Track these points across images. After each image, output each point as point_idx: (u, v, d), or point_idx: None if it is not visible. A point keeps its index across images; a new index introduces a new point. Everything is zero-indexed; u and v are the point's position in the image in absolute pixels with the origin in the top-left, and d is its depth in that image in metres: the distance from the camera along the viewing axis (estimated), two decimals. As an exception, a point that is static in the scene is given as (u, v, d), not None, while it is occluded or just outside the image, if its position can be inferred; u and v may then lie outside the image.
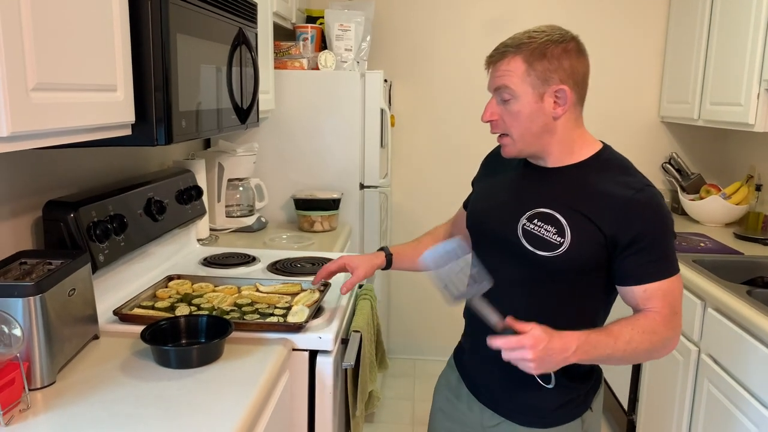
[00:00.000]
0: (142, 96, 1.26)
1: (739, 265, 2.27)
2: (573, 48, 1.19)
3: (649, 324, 1.16)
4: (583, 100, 1.25)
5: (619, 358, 1.14)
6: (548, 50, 1.17)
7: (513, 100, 1.18)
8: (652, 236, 1.16)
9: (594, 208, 1.17)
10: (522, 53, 1.17)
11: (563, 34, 1.20)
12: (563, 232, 1.17)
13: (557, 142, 1.22)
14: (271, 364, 1.26)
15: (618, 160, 1.26)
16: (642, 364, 2.50)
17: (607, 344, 1.11)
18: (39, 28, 0.93)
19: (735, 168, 3.11)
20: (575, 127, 1.24)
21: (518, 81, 1.17)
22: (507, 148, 1.24)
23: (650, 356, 1.19)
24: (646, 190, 1.18)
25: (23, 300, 1.10)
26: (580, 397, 1.29)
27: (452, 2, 3.24)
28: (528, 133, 1.20)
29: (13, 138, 0.91)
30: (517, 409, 1.29)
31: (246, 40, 1.77)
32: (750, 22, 2.35)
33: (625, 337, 1.13)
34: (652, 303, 1.18)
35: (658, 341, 1.16)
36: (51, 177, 1.54)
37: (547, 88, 1.17)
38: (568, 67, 1.18)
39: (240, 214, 2.48)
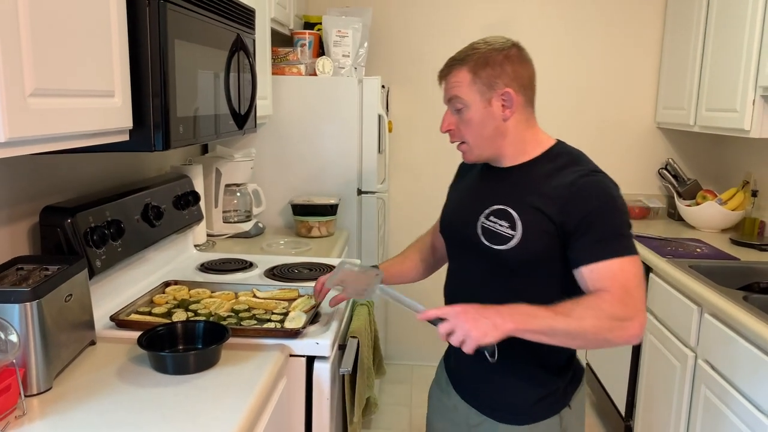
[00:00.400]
0: (139, 102, 1.26)
1: (736, 271, 2.27)
2: (514, 54, 1.27)
3: (594, 301, 1.14)
4: (533, 103, 1.31)
5: (564, 332, 1.12)
6: (491, 58, 1.25)
7: (465, 108, 1.27)
8: (597, 216, 1.18)
9: (543, 199, 1.22)
10: (467, 64, 1.26)
11: (504, 42, 1.28)
12: (515, 226, 1.23)
13: (510, 144, 1.29)
14: (268, 370, 1.26)
15: (569, 153, 1.31)
16: (639, 369, 2.50)
17: (546, 315, 1.12)
18: (37, 34, 0.93)
19: (731, 174, 3.12)
20: (527, 127, 1.30)
21: (466, 90, 1.26)
22: (466, 155, 1.32)
23: (602, 336, 1.12)
24: (591, 174, 1.23)
25: (20, 306, 1.10)
26: (558, 392, 1.31)
27: (449, 8, 3.26)
28: (481, 137, 1.28)
29: (11, 143, 0.91)
30: (496, 407, 1.33)
31: (244, 46, 1.78)
32: (745, 28, 2.36)
33: (565, 310, 1.12)
34: (601, 283, 1.16)
35: (606, 318, 1.11)
36: (48, 182, 1.53)
37: (493, 93, 1.25)
38: (511, 72, 1.25)
39: (237, 220, 2.48)
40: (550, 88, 3.30)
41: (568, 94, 3.31)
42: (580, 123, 3.33)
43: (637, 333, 1.13)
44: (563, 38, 3.25)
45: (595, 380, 3.06)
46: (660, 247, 2.53)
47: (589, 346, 1.17)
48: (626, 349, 2.59)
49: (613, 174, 1.29)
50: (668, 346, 2.23)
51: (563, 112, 3.32)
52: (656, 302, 2.37)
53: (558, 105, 3.32)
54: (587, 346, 1.17)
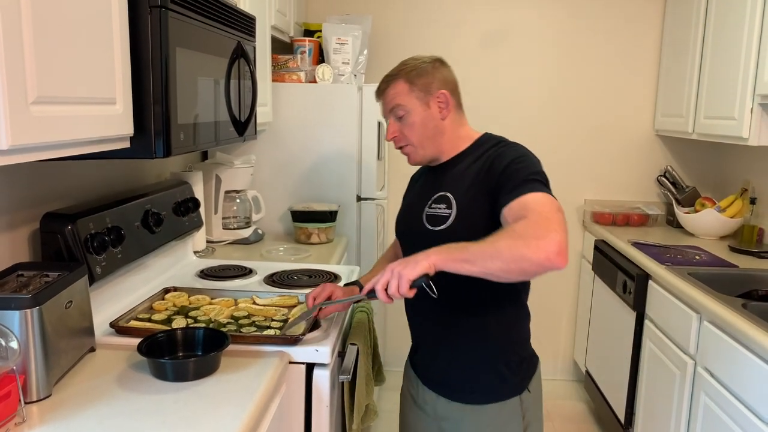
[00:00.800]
0: (141, 109, 1.26)
1: (735, 278, 2.28)
2: (440, 64, 1.47)
3: (510, 226, 1.22)
4: (461, 105, 1.51)
5: (481, 254, 1.17)
6: (422, 68, 1.44)
7: (406, 114, 1.43)
8: (512, 170, 1.32)
9: (471, 175, 1.39)
10: (402, 77, 1.44)
11: (430, 57, 1.48)
12: (450, 205, 1.39)
13: (447, 141, 1.46)
14: (267, 377, 1.26)
15: (492, 138, 1.48)
16: (638, 377, 2.50)
17: (465, 245, 1.20)
18: (40, 42, 0.94)
19: (729, 181, 3.13)
20: (460, 125, 1.49)
21: (406, 98, 1.43)
22: (411, 156, 1.49)
23: (518, 252, 1.15)
24: (508, 144, 1.42)
25: (20, 312, 1.10)
26: (517, 377, 1.44)
27: (448, 16, 3.27)
28: (424, 137, 1.44)
29: (13, 151, 0.91)
30: (462, 389, 1.44)
31: (244, 54, 1.78)
32: (743, 36, 2.37)
33: (486, 238, 1.20)
34: (518, 215, 1.24)
35: (520, 237, 1.16)
36: (48, 189, 1.54)
37: (430, 96, 1.43)
38: (442, 78, 1.45)
39: (237, 226, 2.48)
40: (549, 95, 3.31)
41: (566, 101, 3.32)
42: (578, 130, 3.34)
43: (554, 249, 1.14)
44: (562, 45, 3.27)
45: (594, 387, 3.06)
46: (659, 254, 2.53)
47: (509, 267, 1.16)
48: (625, 357, 2.59)
49: (611, 181, 1.32)
50: (667, 354, 2.23)
51: (562, 119, 3.33)
52: (655, 309, 2.37)
53: (557, 112, 3.33)
54: (508, 267, 1.16)
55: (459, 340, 1.44)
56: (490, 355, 1.43)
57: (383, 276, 1.21)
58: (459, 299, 1.42)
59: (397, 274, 1.19)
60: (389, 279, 1.20)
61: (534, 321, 1.53)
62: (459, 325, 1.44)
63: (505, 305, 1.44)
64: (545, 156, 3.33)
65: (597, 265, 3.05)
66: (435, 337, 1.48)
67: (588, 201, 3.37)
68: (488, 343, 1.43)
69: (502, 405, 1.43)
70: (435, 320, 1.48)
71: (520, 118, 3.34)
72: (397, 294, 1.19)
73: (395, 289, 1.19)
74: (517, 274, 1.18)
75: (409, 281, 1.18)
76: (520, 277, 1.20)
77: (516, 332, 1.47)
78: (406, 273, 1.17)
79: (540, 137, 3.35)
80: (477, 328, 1.43)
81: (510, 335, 1.46)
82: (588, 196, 3.39)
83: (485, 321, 1.43)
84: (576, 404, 3.27)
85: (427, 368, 1.52)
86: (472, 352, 1.44)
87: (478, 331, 1.43)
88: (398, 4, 3.27)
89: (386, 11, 3.27)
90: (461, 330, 1.44)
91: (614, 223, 3.20)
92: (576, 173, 3.38)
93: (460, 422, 1.44)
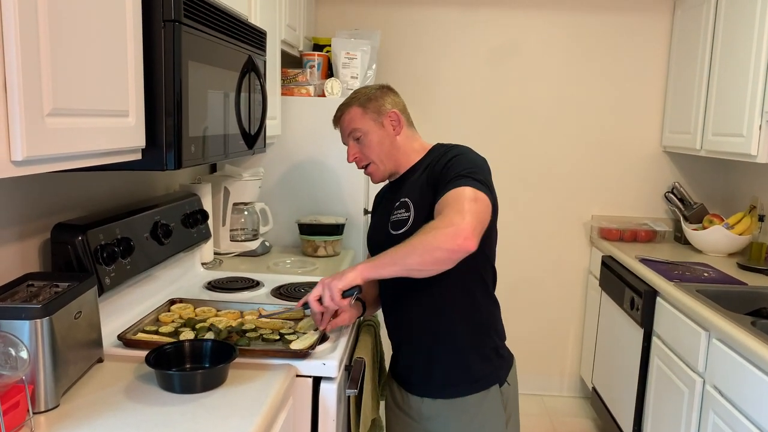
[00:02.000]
0: (153, 121, 1.28)
1: (743, 296, 2.26)
2: (387, 88, 1.63)
3: (428, 223, 1.35)
4: (412, 123, 1.65)
5: (399, 255, 1.32)
6: (372, 94, 1.60)
7: (363, 135, 1.58)
8: (449, 167, 1.44)
9: (423, 179, 1.50)
10: (355, 103, 1.60)
11: (378, 85, 1.65)
12: (409, 208, 1.50)
13: (403, 154, 1.60)
14: (275, 391, 1.26)
15: (444, 146, 1.59)
16: (646, 394, 2.48)
17: (387, 251, 1.34)
18: (56, 56, 0.95)
19: (737, 198, 3.12)
20: (413, 140, 1.63)
21: (361, 121, 1.58)
22: (374, 175, 1.62)
23: (429, 244, 1.29)
24: (455, 145, 1.55)
25: (30, 322, 1.10)
26: (495, 371, 1.54)
27: (456, 32, 3.29)
28: (383, 153, 1.58)
29: (28, 162, 0.92)
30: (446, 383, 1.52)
31: (255, 68, 1.80)
32: (751, 53, 2.38)
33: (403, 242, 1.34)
34: (439, 211, 1.36)
35: (431, 230, 1.30)
36: (59, 200, 1.55)
37: (383, 116, 1.58)
38: (391, 100, 1.61)
39: (244, 238, 2.49)
40: (556, 110, 3.32)
41: (574, 117, 3.33)
42: (586, 146, 3.34)
43: (462, 234, 1.27)
44: (569, 62, 3.28)
45: (601, 404, 3.04)
46: (667, 271, 2.52)
47: (424, 259, 1.30)
48: (632, 374, 2.57)
49: (618, 197, 1.34)
50: (676, 371, 2.21)
51: (569, 135, 3.34)
52: (663, 326, 2.36)
53: (564, 128, 3.34)
54: (423, 260, 1.30)
55: (433, 337, 1.53)
56: (466, 348, 1.52)
57: (315, 289, 1.38)
58: (430, 297, 1.51)
59: (327, 286, 1.35)
60: (321, 292, 1.37)
61: (540, 337, 1.56)
62: (432, 323, 1.53)
63: (474, 298, 1.53)
64: (552, 171, 3.37)
65: (604, 281, 3.03)
66: (410, 338, 1.59)
67: (595, 216, 3.37)
68: (462, 337, 1.52)
69: (484, 394, 1.51)
70: (409, 320, 1.57)
71: (527, 134, 3.35)
72: (332, 303, 1.35)
73: (329, 299, 1.35)
74: (433, 263, 1.31)
75: (340, 291, 1.34)
76: (438, 266, 1.32)
77: (488, 322, 1.56)
78: (335, 284, 1.34)
79: (547, 153, 3.36)
80: (449, 323, 1.52)
81: (482, 326, 1.54)
82: (595, 211, 3.38)
83: (457, 316, 1.52)
84: (583, 421, 3.25)
85: (407, 372, 1.60)
86: (447, 347, 1.52)
87: (450, 327, 1.52)
88: (406, 19, 3.29)
89: (394, 26, 3.29)
90: (434, 327, 1.53)
91: (622, 239, 3.19)
92: (583, 189, 3.38)
93: (446, 419, 1.52)
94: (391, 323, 1.64)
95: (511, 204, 3.38)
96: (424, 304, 1.53)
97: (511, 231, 3.40)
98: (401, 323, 1.61)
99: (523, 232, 3.44)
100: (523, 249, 3.45)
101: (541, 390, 3.54)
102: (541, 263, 3.46)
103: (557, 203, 3.41)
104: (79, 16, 1.01)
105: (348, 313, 1.59)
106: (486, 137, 3.36)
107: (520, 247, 3.44)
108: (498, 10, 3.26)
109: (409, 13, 3.29)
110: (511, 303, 3.40)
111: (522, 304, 3.46)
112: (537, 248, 3.45)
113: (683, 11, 3.07)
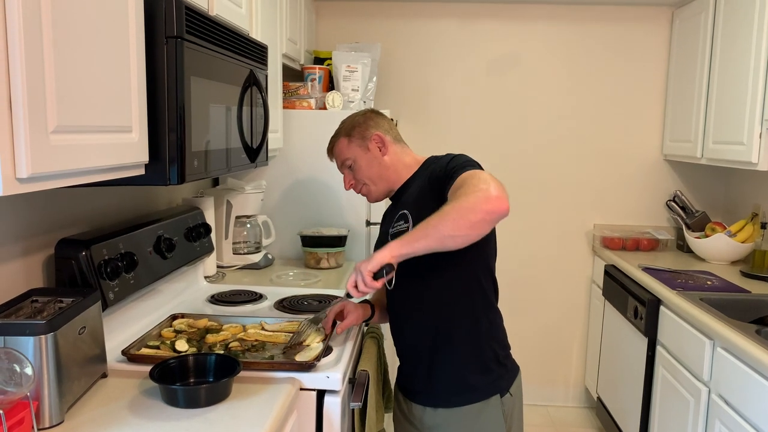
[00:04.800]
0: (156, 137, 1.29)
1: (747, 304, 2.26)
2: (370, 113, 1.69)
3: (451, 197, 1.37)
4: (400, 139, 1.69)
5: (431, 225, 1.32)
6: (355, 121, 1.66)
7: (354, 163, 1.64)
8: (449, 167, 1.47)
9: (420, 190, 1.54)
10: (341, 134, 1.67)
11: (363, 110, 1.72)
12: (407, 219, 1.53)
13: (393, 172, 1.64)
14: (279, 404, 1.26)
15: (436, 157, 1.62)
16: (651, 404, 2.47)
17: (416, 228, 1.36)
18: (60, 73, 0.96)
19: (739, 206, 3.12)
20: (403, 156, 1.66)
21: (348, 150, 1.64)
22: (370, 196, 1.68)
23: (464, 206, 1.29)
24: (445, 155, 1.57)
25: (35, 339, 1.10)
26: (498, 381, 1.55)
27: (456, 44, 3.31)
28: (373, 175, 1.64)
29: (32, 179, 0.93)
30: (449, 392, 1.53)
31: (257, 82, 1.81)
32: (750, 61, 2.39)
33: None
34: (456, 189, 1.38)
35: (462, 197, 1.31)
36: (62, 215, 1.55)
37: (368, 141, 1.63)
38: (374, 123, 1.65)
39: (247, 251, 2.49)
40: (557, 120, 3.33)
41: (574, 127, 3.34)
42: (587, 155, 3.35)
43: (493, 194, 1.29)
44: (569, 72, 3.30)
45: (606, 414, 3.02)
46: (670, 279, 2.52)
47: (458, 224, 1.29)
48: (637, 383, 2.56)
49: (620, 205, 1.35)
50: (681, 380, 2.21)
51: (570, 145, 3.35)
52: (667, 335, 2.35)
53: (565, 138, 3.34)
54: (457, 224, 1.29)
55: (433, 347, 1.54)
56: (465, 358, 1.53)
57: (351, 276, 1.40)
58: (435, 304, 1.53)
59: (359, 269, 1.37)
60: (356, 277, 1.38)
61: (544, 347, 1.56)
62: (431, 332, 1.54)
63: (474, 309, 1.54)
64: (554, 181, 3.37)
65: (607, 291, 3.03)
66: (411, 347, 1.60)
67: (597, 226, 3.37)
68: (461, 347, 1.53)
69: (484, 404, 1.52)
70: (409, 329, 1.59)
71: (528, 145, 3.36)
72: (365, 288, 1.36)
73: (362, 283, 1.36)
74: (469, 227, 1.30)
75: (371, 273, 1.35)
76: (473, 231, 1.31)
77: (488, 334, 1.56)
78: (365, 266, 1.36)
79: (548, 163, 3.37)
80: (448, 333, 1.53)
81: (482, 337, 1.55)
82: (597, 220, 3.38)
83: (456, 326, 1.53)
84: (588, 431, 3.23)
85: (410, 382, 1.62)
86: (446, 357, 1.53)
87: (449, 337, 1.53)
88: (407, 32, 3.31)
89: (395, 39, 3.31)
90: (433, 337, 1.54)
91: (624, 248, 3.19)
92: (585, 198, 3.38)
93: (447, 428, 1.53)
94: (395, 332, 1.66)
95: (513, 215, 3.38)
96: (424, 313, 1.55)
97: (514, 242, 3.40)
98: (402, 332, 1.63)
99: (526, 242, 3.44)
100: (526, 259, 3.44)
101: (545, 400, 3.52)
102: (544, 273, 3.45)
103: (559, 213, 3.41)
104: (82, 34, 1.02)
105: (354, 315, 1.66)
106: (487, 148, 3.37)
107: (523, 257, 3.44)
108: (498, 22, 3.28)
109: (409, 25, 3.31)
110: (515, 313, 3.39)
111: (525, 315, 3.46)
112: (540, 258, 3.45)
113: (682, 21, 3.09)
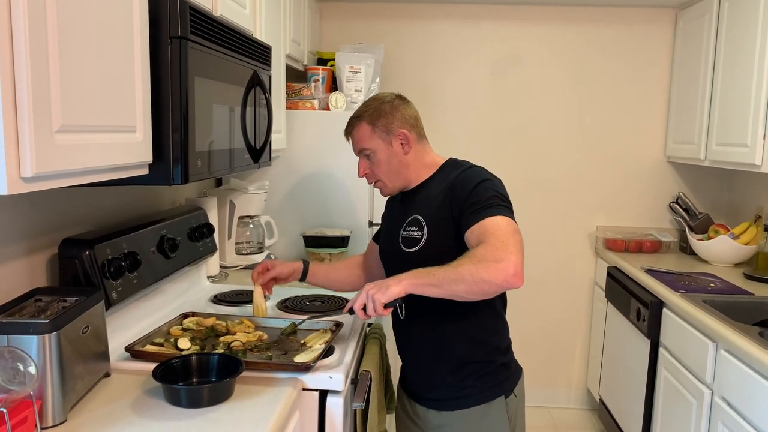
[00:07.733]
0: (159, 137, 1.29)
1: (751, 306, 2.25)
2: (398, 102, 1.59)
3: (472, 251, 1.35)
4: (423, 135, 1.62)
5: (445, 279, 1.32)
6: (382, 110, 1.56)
7: (372, 154, 1.57)
8: (474, 194, 1.44)
9: (438, 199, 1.50)
10: (365, 119, 1.56)
11: (390, 95, 1.62)
12: (422, 227, 1.51)
13: (413, 171, 1.59)
14: (281, 404, 1.26)
15: (456, 163, 1.60)
16: (654, 406, 2.46)
17: (432, 270, 1.34)
18: (65, 73, 0.96)
19: (742, 208, 3.12)
20: (424, 155, 1.61)
21: (369, 140, 1.56)
22: (383, 190, 1.63)
23: (479, 276, 1.29)
24: (468, 169, 1.53)
25: (38, 338, 1.11)
26: (503, 383, 1.55)
27: (459, 45, 3.31)
28: (391, 173, 1.58)
29: (37, 178, 0.93)
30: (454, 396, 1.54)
31: (260, 82, 1.82)
32: (754, 63, 2.39)
33: (450, 264, 1.33)
34: (479, 239, 1.37)
35: (480, 261, 1.30)
36: (66, 215, 1.56)
37: (392, 137, 1.55)
38: (400, 117, 1.56)
39: (250, 251, 2.49)
40: (560, 122, 3.33)
41: (578, 129, 3.33)
42: (590, 157, 3.35)
43: (512, 271, 1.30)
44: (573, 73, 3.30)
45: (608, 416, 3.02)
46: (673, 281, 2.51)
47: (472, 289, 1.31)
48: (640, 385, 2.56)
49: (623, 207, 1.35)
50: (683, 383, 2.20)
51: (574, 147, 3.35)
52: (670, 337, 2.35)
53: (568, 140, 3.34)
54: (471, 289, 1.31)
55: (436, 350, 1.55)
56: (468, 361, 1.53)
57: (360, 297, 1.38)
58: (437, 312, 1.52)
59: (371, 296, 1.35)
60: (365, 301, 1.37)
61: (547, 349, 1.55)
62: (434, 336, 1.55)
63: (481, 315, 1.54)
64: (557, 182, 3.37)
65: (610, 292, 3.02)
66: (415, 350, 1.61)
67: (600, 227, 3.36)
68: (464, 351, 1.53)
69: (488, 406, 1.53)
70: (413, 332, 1.59)
71: (531, 146, 3.36)
72: (374, 314, 1.36)
73: (371, 309, 1.36)
74: (479, 294, 1.33)
75: (383, 304, 1.34)
76: (481, 297, 1.35)
77: (493, 340, 1.57)
78: (379, 297, 1.34)
79: (551, 164, 3.36)
80: (451, 337, 1.54)
81: (488, 343, 1.55)
82: (600, 222, 3.38)
83: (458, 331, 1.53)
84: (590, 434, 3.22)
85: (414, 383, 1.63)
86: (450, 360, 1.54)
87: (452, 341, 1.54)
88: (410, 33, 3.31)
89: (398, 40, 3.31)
90: (436, 340, 1.55)
91: (627, 250, 3.18)
92: (588, 200, 3.38)
93: (452, 429, 1.54)
94: (398, 335, 1.66)
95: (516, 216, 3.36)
96: (427, 317, 1.54)
97: (516, 242, 3.40)
98: (406, 335, 1.63)
99: (529, 243, 3.41)
100: (529, 260, 3.41)
101: (547, 402, 3.52)
102: (547, 274, 3.45)
103: (562, 214, 3.41)
104: (87, 34, 1.02)
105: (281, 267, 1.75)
106: (489, 149, 3.37)
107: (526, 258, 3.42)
108: (501, 23, 3.28)
109: (412, 26, 3.31)
110: (517, 314, 3.39)
111: (528, 316, 3.45)
112: (542, 259, 3.45)
113: (685, 22, 3.09)
